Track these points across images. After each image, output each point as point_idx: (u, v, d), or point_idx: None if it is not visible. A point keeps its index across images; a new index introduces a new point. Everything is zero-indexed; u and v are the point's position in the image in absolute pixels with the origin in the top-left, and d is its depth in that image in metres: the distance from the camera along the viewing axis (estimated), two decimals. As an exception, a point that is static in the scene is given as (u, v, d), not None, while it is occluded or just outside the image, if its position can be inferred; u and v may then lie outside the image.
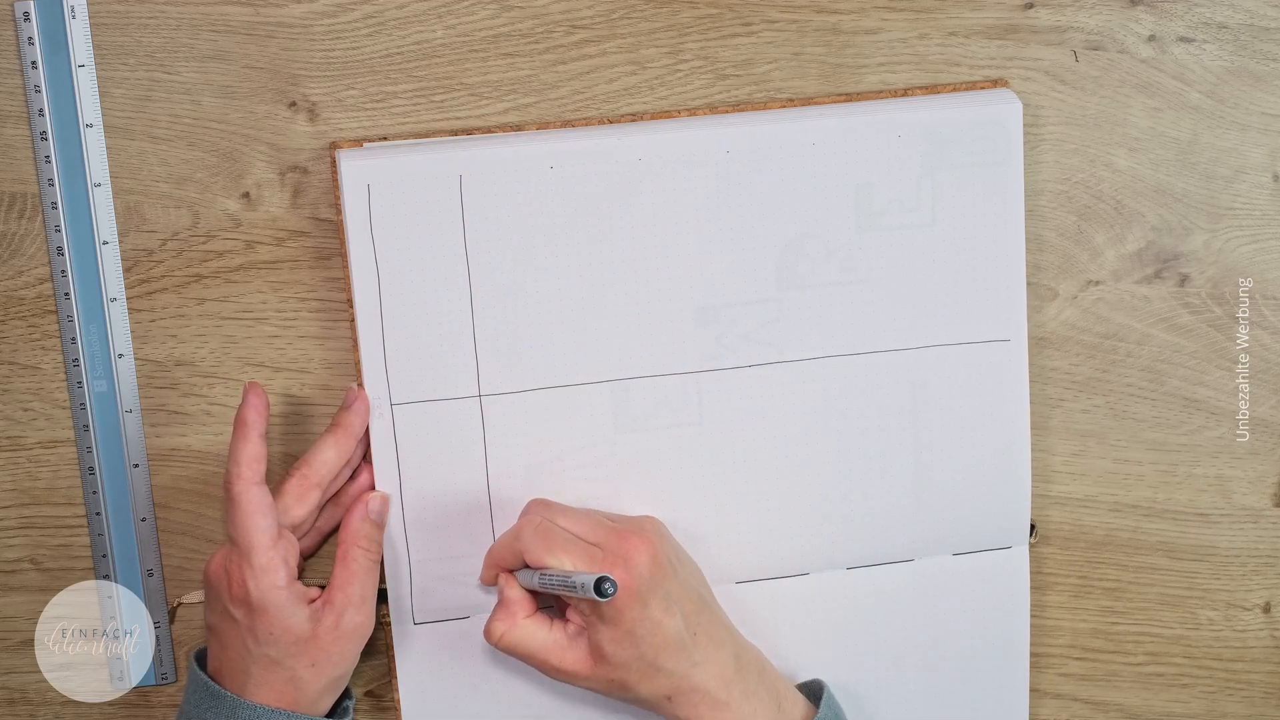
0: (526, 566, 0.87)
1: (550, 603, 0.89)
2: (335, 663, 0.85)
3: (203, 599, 0.92)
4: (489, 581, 0.90)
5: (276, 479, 0.92)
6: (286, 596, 0.84)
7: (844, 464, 0.93)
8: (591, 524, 0.87)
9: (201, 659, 0.88)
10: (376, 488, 0.89)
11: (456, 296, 0.88)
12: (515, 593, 0.88)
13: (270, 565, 0.83)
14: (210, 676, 0.86)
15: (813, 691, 0.92)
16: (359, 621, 0.86)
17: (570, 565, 0.84)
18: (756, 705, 0.87)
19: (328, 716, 0.87)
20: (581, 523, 0.87)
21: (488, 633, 0.87)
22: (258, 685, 0.84)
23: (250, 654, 0.84)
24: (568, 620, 0.87)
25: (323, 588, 0.86)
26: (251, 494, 0.84)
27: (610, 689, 0.87)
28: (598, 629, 0.85)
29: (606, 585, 0.80)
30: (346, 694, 0.90)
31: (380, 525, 0.88)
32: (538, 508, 0.89)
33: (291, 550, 0.85)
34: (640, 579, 0.84)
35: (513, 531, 0.88)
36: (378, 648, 0.93)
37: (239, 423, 0.85)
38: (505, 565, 0.89)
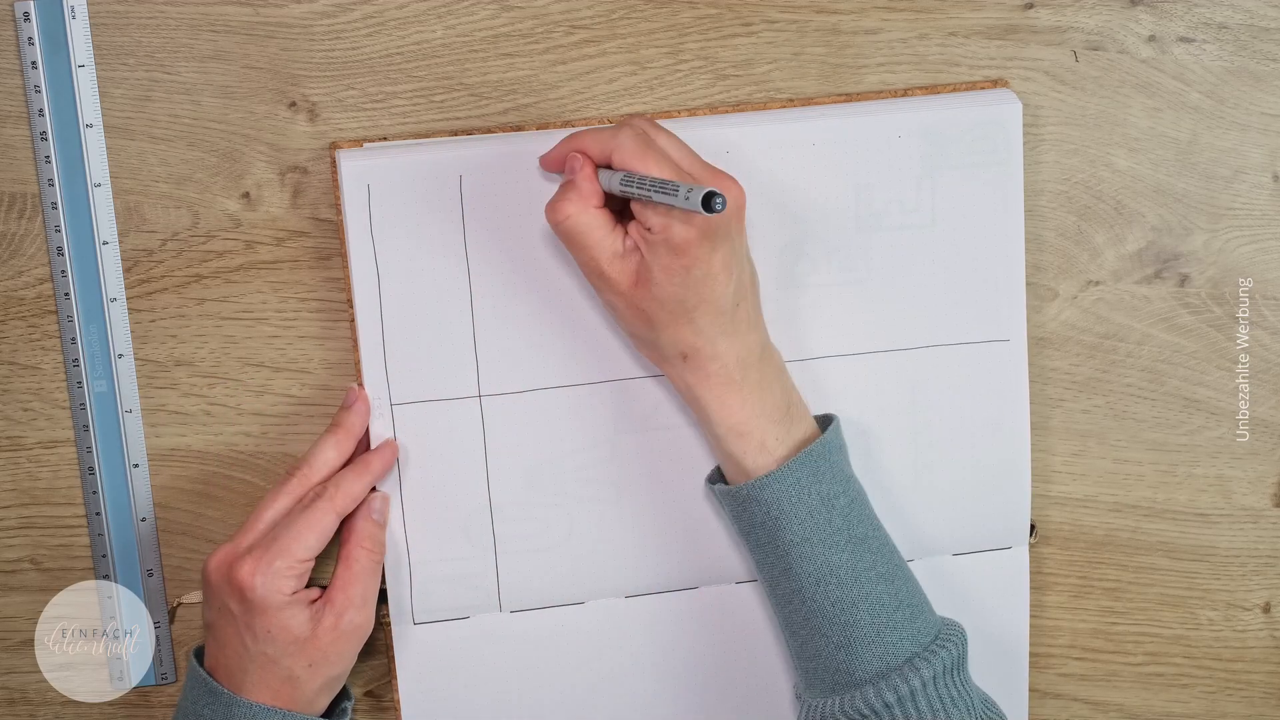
0: (608, 168, 0.83)
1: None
2: (333, 663, 0.85)
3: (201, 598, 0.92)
4: (554, 162, 0.85)
5: (275, 478, 0.92)
6: (288, 599, 0.84)
7: (844, 464, 0.93)
8: (687, 153, 0.83)
9: (201, 655, 0.88)
10: (377, 488, 0.89)
11: (456, 296, 0.88)
12: (591, 182, 0.82)
13: (288, 573, 0.84)
14: (208, 673, 0.86)
15: (825, 422, 0.90)
16: (359, 622, 0.86)
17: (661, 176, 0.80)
18: (766, 398, 0.85)
19: (325, 716, 0.87)
20: (679, 148, 0.83)
21: (556, 209, 0.82)
22: (255, 684, 0.84)
23: (248, 652, 0.84)
24: (626, 233, 0.83)
25: (323, 588, 0.86)
26: (328, 520, 0.85)
27: (635, 321, 0.84)
28: (656, 251, 0.81)
29: (717, 200, 0.76)
30: (345, 694, 0.90)
31: (382, 525, 0.88)
32: (639, 121, 0.84)
33: (308, 572, 0.85)
34: (719, 222, 0.80)
35: (609, 130, 0.82)
36: (378, 648, 0.93)
37: (364, 463, 0.87)
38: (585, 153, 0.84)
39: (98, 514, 0.91)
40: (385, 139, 0.88)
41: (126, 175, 0.88)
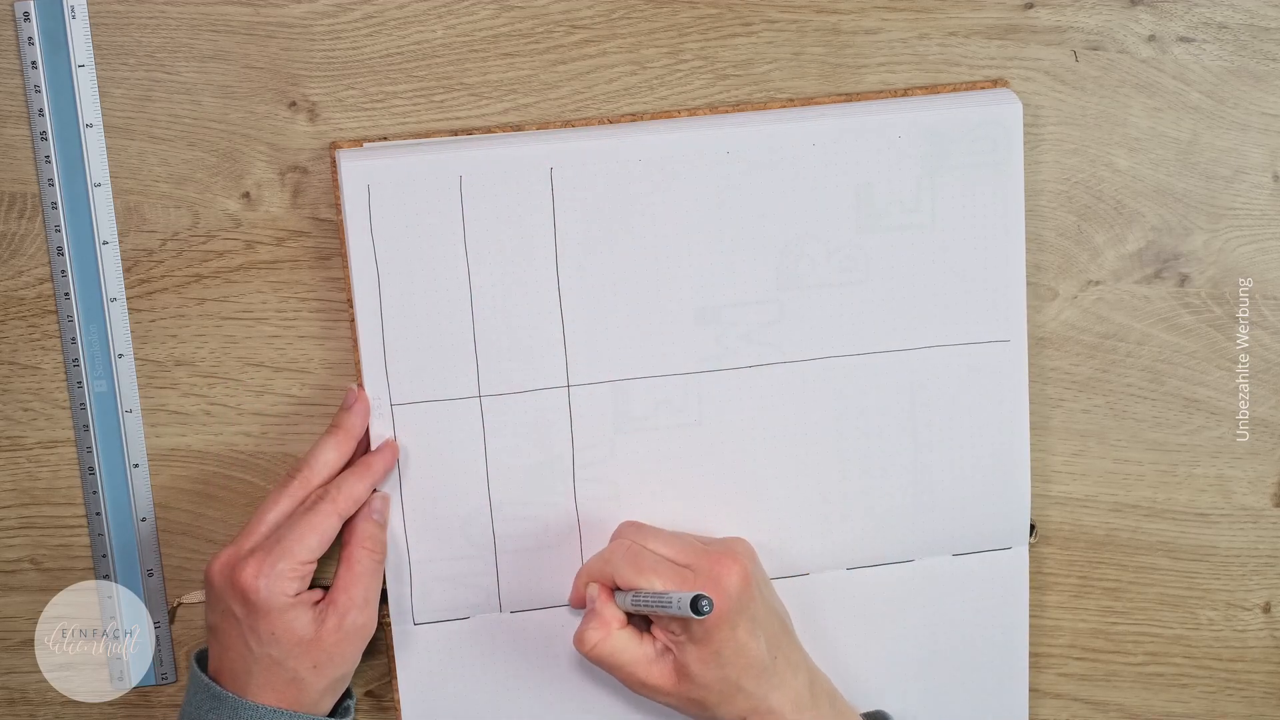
0: (617, 588, 0.88)
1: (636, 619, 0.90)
2: (337, 664, 0.85)
3: (203, 599, 0.92)
4: (578, 601, 0.91)
5: (275, 478, 0.92)
6: (291, 600, 0.84)
7: (844, 464, 0.93)
8: (682, 546, 0.88)
9: (202, 660, 0.88)
10: (377, 489, 0.89)
11: (456, 297, 0.88)
12: (609, 607, 0.88)
13: (291, 575, 0.84)
14: (211, 677, 0.86)
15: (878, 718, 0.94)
16: (362, 623, 0.86)
17: (661, 586, 0.85)
18: None
19: (330, 716, 0.87)
20: (672, 545, 0.88)
21: (580, 641, 0.88)
22: (259, 686, 0.84)
23: (252, 654, 0.84)
24: (655, 637, 0.87)
25: (325, 589, 0.86)
26: (330, 523, 0.85)
27: (689, 707, 0.87)
28: (685, 648, 0.85)
29: (703, 603, 0.81)
30: (348, 693, 0.90)
31: (383, 526, 0.88)
32: (628, 530, 0.89)
33: (310, 574, 0.85)
34: (730, 600, 0.85)
35: (603, 555, 0.89)
36: (378, 648, 0.93)
37: (365, 465, 0.87)
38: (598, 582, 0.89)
39: (98, 514, 0.91)
40: (385, 139, 0.88)
41: (126, 175, 0.88)
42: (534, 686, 0.94)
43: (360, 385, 0.89)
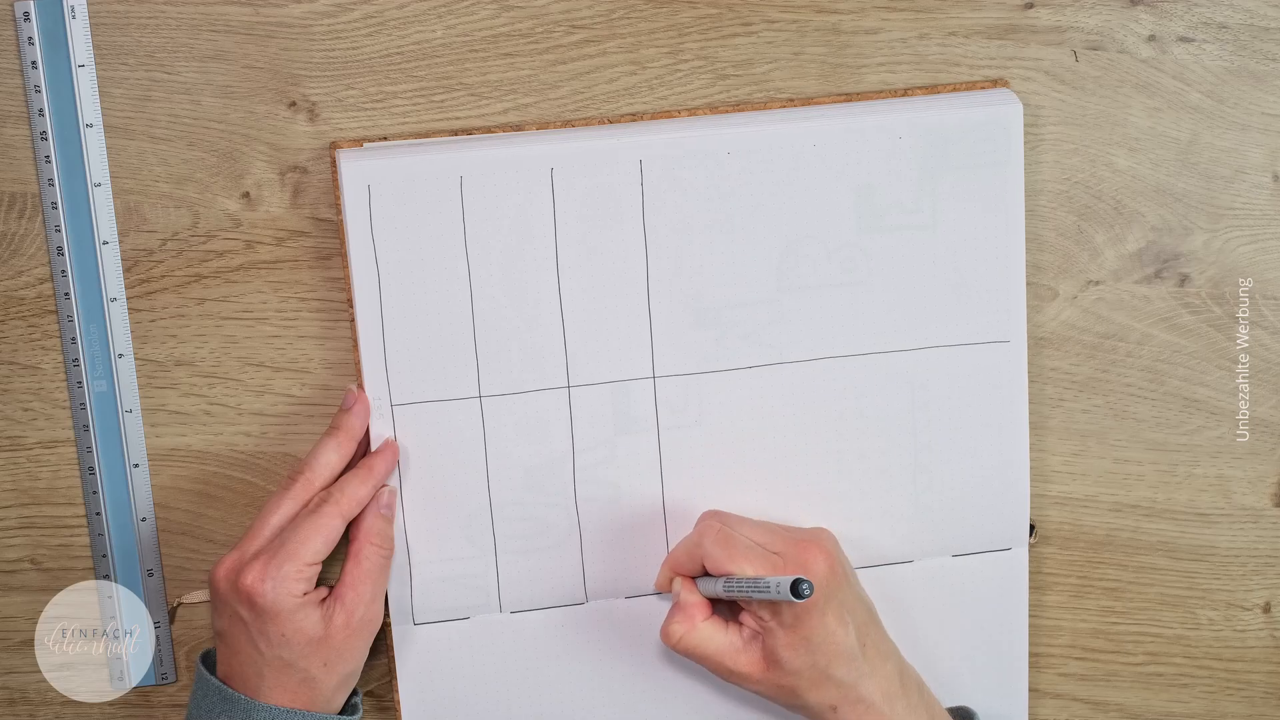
0: (705, 574, 0.88)
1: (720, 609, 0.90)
2: (347, 659, 0.86)
3: (204, 599, 0.92)
4: (664, 586, 0.91)
5: (275, 478, 0.92)
6: (298, 601, 0.84)
7: (844, 465, 0.93)
8: (769, 532, 0.88)
9: (208, 663, 0.88)
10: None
11: (457, 297, 0.88)
12: (693, 596, 0.88)
13: (297, 577, 0.84)
14: (221, 681, 0.86)
15: (963, 715, 0.94)
16: (370, 617, 0.86)
17: (752, 572, 0.85)
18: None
19: (340, 714, 0.87)
20: (759, 531, 0.88)
21: (666, 634, 0.88)
22: (271, 688, 0.84)
23: (262, 657, 0.84)
24: (742, 624, 0.87)
25: (330, 586, 0.86)
26: (334, 524, 0.85)
27: (778, 694, 0.87)
28: (774, 635, 0.85)
29: (804, 587, 0.81)
30: (355, 690, 0.90)
31: (390, 520, 0.89)
32: (713, 517, 0.89)
33: (315, 575, 0.86)
34: (819, 587, 0.85)
35: (691, 539, 0.89)
36: (378, 648, 0.93)
37: (367, 467, 0.87)
38: (683, 571, 0.90)
39: (98, 514, 0.91)
40: (385, 139, 0.88)
41: (126, 175, 0.88)
42: (534, 686, 0.94)
43: (360, 386, 0.89)
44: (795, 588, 0.81)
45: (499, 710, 0.94)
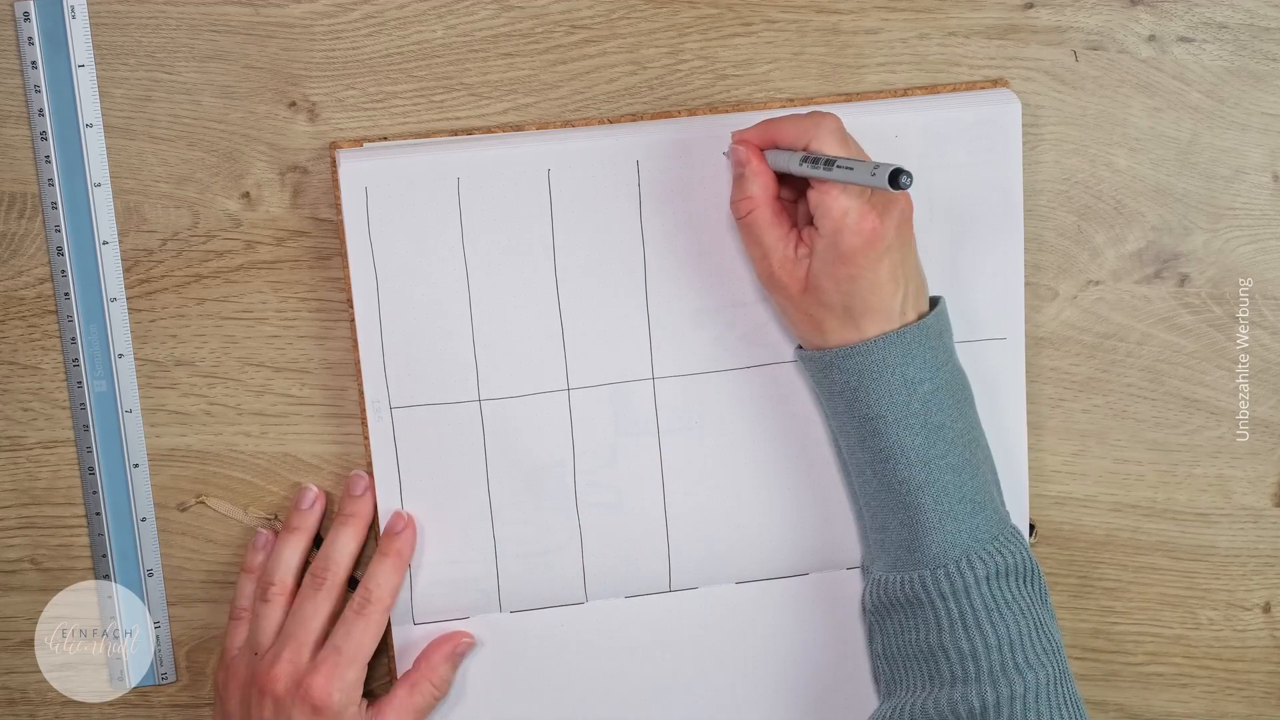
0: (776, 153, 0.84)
1: None
2: None
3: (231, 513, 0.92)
4: (743, 142, 0.85)
5: (275, 478, 0.92)
6: (357, 710, 0.87)
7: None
8: (857, 153, 0.84)
9: None
10: (378, 492, 0.90)
11: (455, 300, 0.88)
12: (770, 179, 0.84)
13: (358, 683, 0.87)
14: None
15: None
16: None
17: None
18: None
19: None
20: (848, 149, 0.83)
21: (742, 203, 0.84)
22: None
23: None
24: (800, 239, 0.84)
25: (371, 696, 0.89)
26: (382, 623, 0.89)
27: (804, 324, 0.85)
28: (825, 259, 0.82)
29: (904, 177, 0.76)
30: None
31: (456, 667, 0.91)
32: (837, 120, 0.84)
33: None
34: (888, 229, 0.82)
35: (809, 118, 0.83)
36: (378, 648, 0.93)
37: (395, 553, 0.89)
38: (772, 144, 0.85)
39: (98, 514, 0.91)
40: (385, 139, 0.88)
41: (126, 175, 0.88)
42: (533, 686, 0.94)
43: (369, 473, 0.90)
44: (895, 176, 0.76)
45: (499, 710, 0.94)
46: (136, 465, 0.91)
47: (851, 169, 0.79)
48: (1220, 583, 0.98)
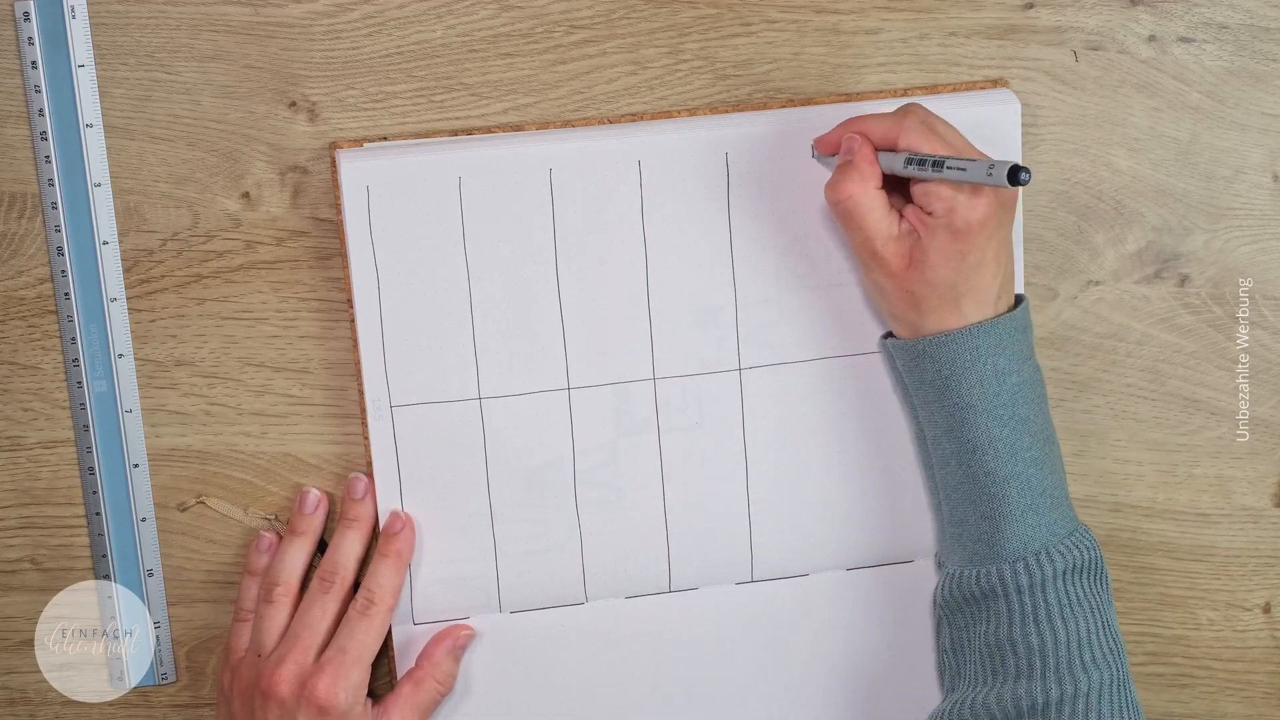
0: (888, 151, 0.84)
1: None
2: None
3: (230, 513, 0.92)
4: (831, 145, 0.87)
5: (275, 478, 0.92)
6: (362, 710, 0.87)
7: (844, 465, 0.93)
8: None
9: None
10: (378, 491, 0.90)
11: (456, 299, 0.88)
12: (871, 163, 0.84)
13: (363, 683, 0.87)
14: None
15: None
16: None
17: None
18: None
19: None
20: (956, 136, 0.84)
21: (837, 189, 0.84)
22: None
23: None
24: (903, 218, 0.84)
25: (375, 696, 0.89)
26: (386, 623, 0.89)
27: (901, 302, 0.85)
28: (936, 235, 0.82)
29: (1023, 174, 0.77)
30: None
31: (459, 661, 0.91)
32: (919, 107, 0.85)
33: None
34: (1001, 210, 0.83)
35: (893, 115, 0.84)
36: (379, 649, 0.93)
37: (396, 554, 0.90)
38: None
39: (98, 514, 0.91)
40: (385, 139, 0.88)
41: (126, 175, 0.88)
42: (534, 686, 0.94)
43: (369, 474, 0.90)
44: (1014, 172, 0.76)
45: (499, 710, 0.94)
46: (136, 465, 0.91)
47: (964, 169, 0.79)
48: (1220, 583, 0.99)
